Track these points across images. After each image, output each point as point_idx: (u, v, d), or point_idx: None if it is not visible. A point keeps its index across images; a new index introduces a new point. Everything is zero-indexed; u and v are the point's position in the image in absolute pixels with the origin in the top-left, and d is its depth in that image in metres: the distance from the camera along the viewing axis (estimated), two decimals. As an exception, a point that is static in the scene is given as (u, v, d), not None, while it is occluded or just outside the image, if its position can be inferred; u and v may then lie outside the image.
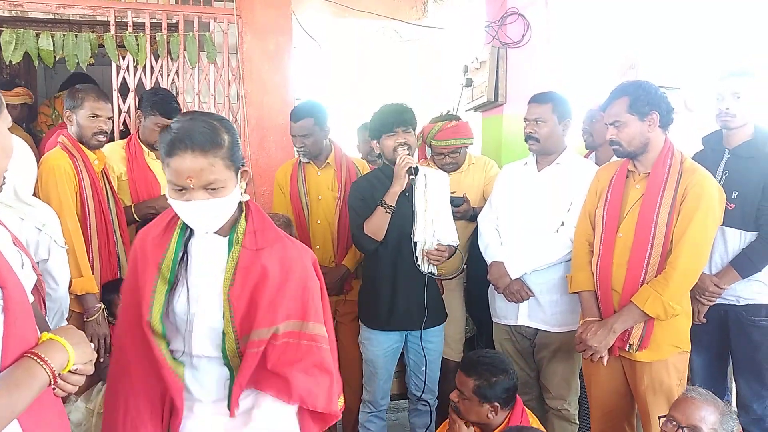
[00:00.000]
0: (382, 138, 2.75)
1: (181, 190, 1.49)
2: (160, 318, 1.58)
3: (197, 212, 1.52)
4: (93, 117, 2.75)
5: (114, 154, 3.09)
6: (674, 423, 2.03)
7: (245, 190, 1.61)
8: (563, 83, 3.93)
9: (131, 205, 3.03)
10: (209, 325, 1.59)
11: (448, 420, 2.36)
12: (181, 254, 1.61)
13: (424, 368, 2.83)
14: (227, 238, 1.61)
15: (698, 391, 2.10)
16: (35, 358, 1.21)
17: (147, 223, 2.96)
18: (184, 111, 3.55)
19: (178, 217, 1.62)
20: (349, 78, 6.38)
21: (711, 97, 2.82)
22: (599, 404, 2.63)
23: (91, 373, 1.35)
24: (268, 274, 1.57)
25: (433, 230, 2.71)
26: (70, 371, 1.28)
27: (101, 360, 2.57)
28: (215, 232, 1.61)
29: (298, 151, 3.22)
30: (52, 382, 1.23)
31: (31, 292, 1.53)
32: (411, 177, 2.67)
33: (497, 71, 4.08)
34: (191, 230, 1.63)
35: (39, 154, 2.93)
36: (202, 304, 1.59)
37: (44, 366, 1.21)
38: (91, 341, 2.42)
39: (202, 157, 1.46)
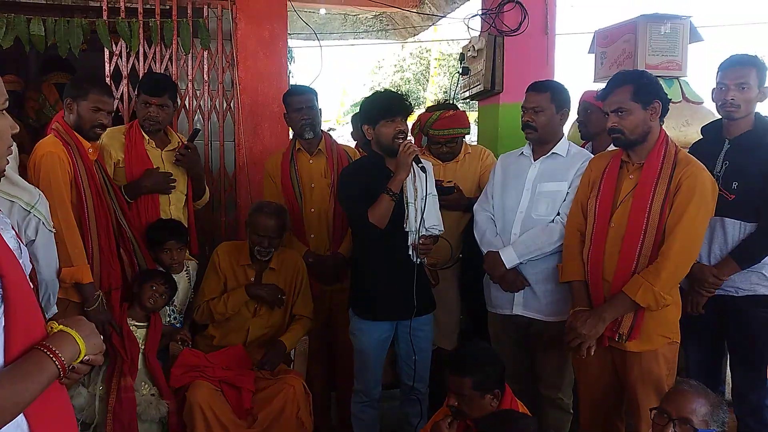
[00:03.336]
0: (379, 124, 2.70)
1: None
2: None
3: None
4: (95, 110, 2.70)
5: (114, 140, 3.05)
6: (665, 415, 2.00)
7: None
8: (560, 73, 3.91)
9: (120, 187, 2.97)
10: None
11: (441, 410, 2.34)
12: None
13: (414, 357, 2.82)
14: None
15: (690, 383, 2.08)
16: (45, 351, 1.18)
17: (139, 203, 2.96)
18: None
19: None
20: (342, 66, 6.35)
21: (710, 86, 2.79)
22: (588, 395, 2.62)
23: (101, 363, 1.34)
24: None
25: (422, 219, 2.69)
26: (81, 362, 1.26)
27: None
28: None
29: (301, 127, 3.19)
30: (61, 375, 1.21)
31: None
32: (420, 165, 2.65)
33: (494, 60, 4.05)
34: None
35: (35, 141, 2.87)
36: None
37: (54, 359, 1.18)
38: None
39: None
